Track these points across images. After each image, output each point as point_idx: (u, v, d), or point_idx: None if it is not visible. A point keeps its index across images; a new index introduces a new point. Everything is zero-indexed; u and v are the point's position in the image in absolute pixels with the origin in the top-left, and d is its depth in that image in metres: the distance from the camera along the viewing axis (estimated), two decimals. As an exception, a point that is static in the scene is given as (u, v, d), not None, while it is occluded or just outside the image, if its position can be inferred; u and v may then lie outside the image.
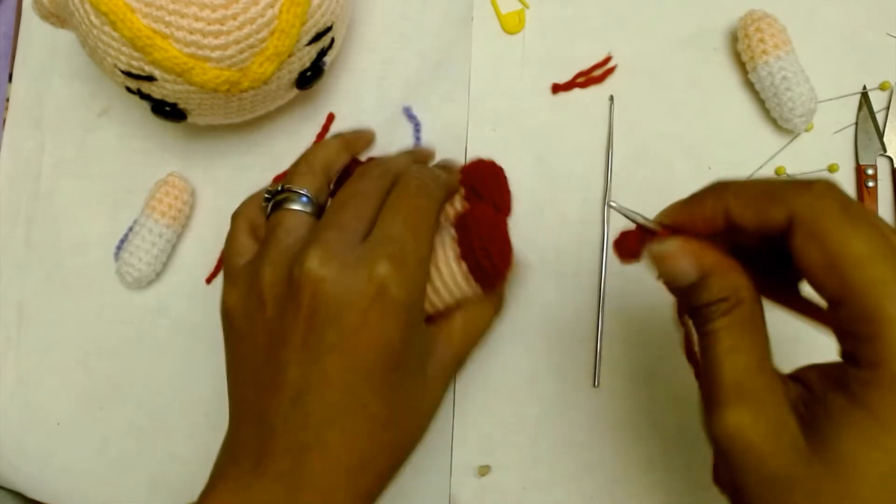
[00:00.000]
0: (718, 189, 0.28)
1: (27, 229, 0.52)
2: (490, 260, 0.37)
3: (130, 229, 0.49)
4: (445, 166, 0.42)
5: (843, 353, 0.26)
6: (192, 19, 0.37)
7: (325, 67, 0.45)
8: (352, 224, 0.34)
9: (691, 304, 0.28)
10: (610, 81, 0.49)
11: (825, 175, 0.28)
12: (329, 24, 0.42)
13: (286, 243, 0.35)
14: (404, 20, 0.51)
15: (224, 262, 0.38)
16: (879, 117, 0.47)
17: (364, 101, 0.50)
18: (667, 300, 0.31)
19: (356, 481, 0.32)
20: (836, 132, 0.48)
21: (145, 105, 0.42)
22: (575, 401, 0.45)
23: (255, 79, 0.40)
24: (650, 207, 0.47)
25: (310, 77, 0.44)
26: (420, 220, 0.35)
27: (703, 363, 0.28)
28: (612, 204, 0.32)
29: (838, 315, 0.25)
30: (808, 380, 0.27)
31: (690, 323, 0.30)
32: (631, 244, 0.32)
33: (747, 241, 0.29)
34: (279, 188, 0.38)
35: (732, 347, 0.27)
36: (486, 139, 0.49)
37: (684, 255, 0.28)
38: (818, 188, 0.26)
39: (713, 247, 0.29)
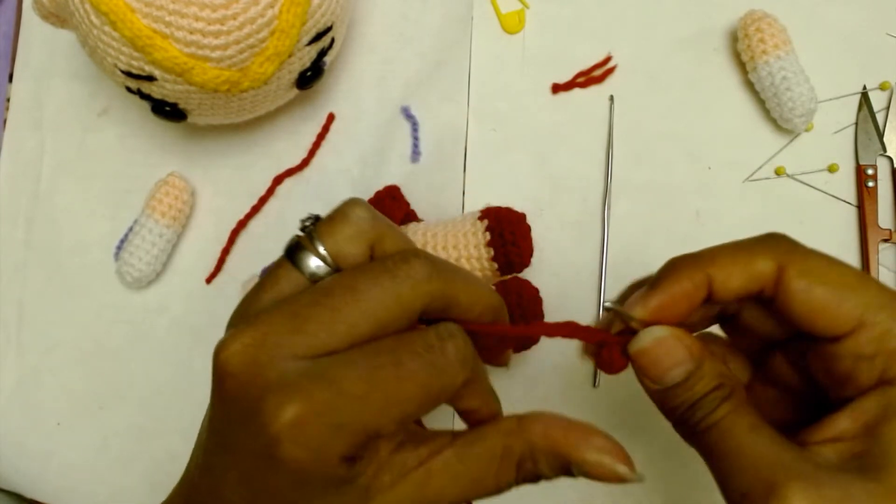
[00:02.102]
0: (690, 261, 0.27)
1: (27, 230, 0.52)
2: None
3: (130, 229, 0.49)
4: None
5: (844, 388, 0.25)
6: (192, 19, 0.37)
7: (325, 67, 0.45)
8: (320, 325, 0.23)
9: (681, 403, 0.26)
10: (610, 81, 0.49)
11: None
12: (329, 25, 0.42)
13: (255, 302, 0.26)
14: (404, 20, 0.51)
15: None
16: (879, 117, 0.47)
17: (364, 101, 0.50)
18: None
19: None
20: (836, 132, 0.48)
21: (145, 105, 0.42)
22: (575, 401, 0.45)
23: (256, 79, 0.40)
24: (650, 207, 0.47)
25: (310, 77, 0.44)
26: (397, 390, 0.23)
27: (717, 457, 0.25)
28: (608, 305, 0.28)
29: (846, 346, 0.25)
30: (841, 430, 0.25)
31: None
32: (615, 355, 0.28)
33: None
34: (307, 224, 0.27)
35: (754, 424, 0.25)
36: (486, 139, 0.49)
37: (677, 344, 0.26)
38: (783, 237, 0.26)
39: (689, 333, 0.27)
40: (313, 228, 0.26)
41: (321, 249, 0.25)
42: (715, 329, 0.31)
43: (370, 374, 0.22)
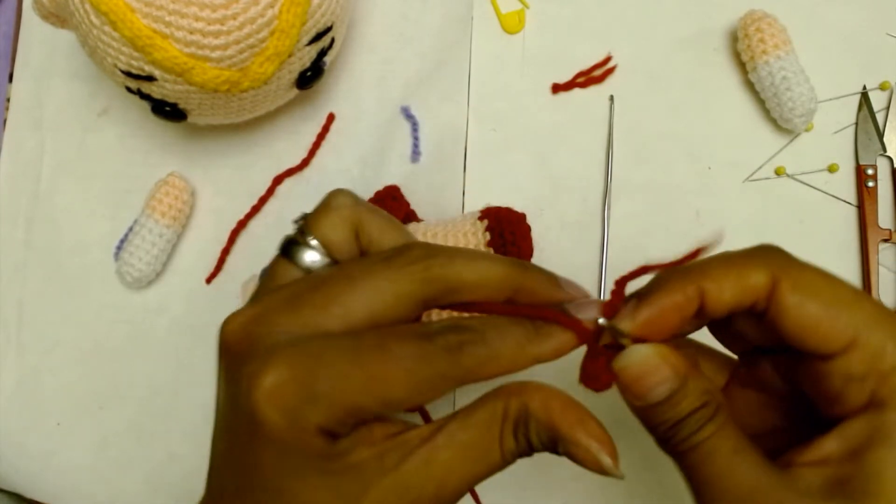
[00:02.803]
0: (681, 275, 0.26)
1: (27, 229, 0.52)
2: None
3: (130, 229, 0.49)
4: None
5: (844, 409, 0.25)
6: (192, 19, 0.37)
7: (325, 67, 0.45)
8: (315, 308, 0.24)
9: (664, 421, 0.25)
10: (610, 81, 0.49)
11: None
12: (329, 25, 0.42)
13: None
14: (404, 20, 0.51)
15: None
16: (879, 117, 0.47)
17: (364, 101, 0.50)
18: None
19: None
20: (836, 132, 0.48)
21: (145, 105, 0.42)
22: (574, 397, 0.45)
23: (256, 79, 0.40)
24: (650, 207, 0.47)
25: (310, 77, 0.44)
26: (380, 371, 0.23)
27: (698, 479, 0.25)
28: (602, 322, 0.27)
29: (837, 366, 0.24)
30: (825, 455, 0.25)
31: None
32: (601, 371, 0.27)
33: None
34: (298, 221, 0.28)
35: (738, 448, 0.24)
36: (486, 139, 0.49)
37: (661, 363, 0.25)
38: (776, 248, 0.26)
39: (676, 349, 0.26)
40: (304, 223, 0.27)
41: (312, 242, 0.26)
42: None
43: (354, 353, 0.22)
